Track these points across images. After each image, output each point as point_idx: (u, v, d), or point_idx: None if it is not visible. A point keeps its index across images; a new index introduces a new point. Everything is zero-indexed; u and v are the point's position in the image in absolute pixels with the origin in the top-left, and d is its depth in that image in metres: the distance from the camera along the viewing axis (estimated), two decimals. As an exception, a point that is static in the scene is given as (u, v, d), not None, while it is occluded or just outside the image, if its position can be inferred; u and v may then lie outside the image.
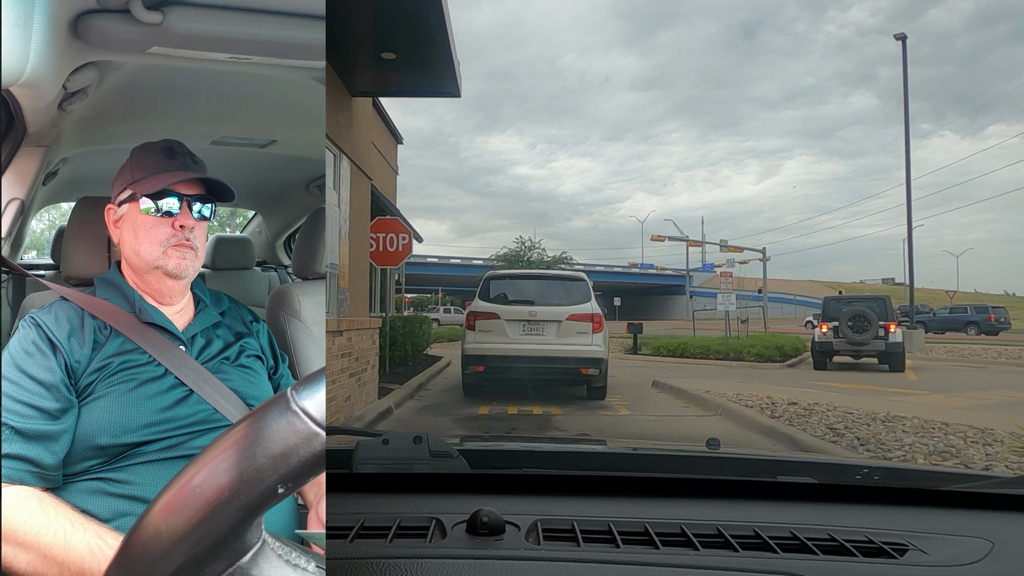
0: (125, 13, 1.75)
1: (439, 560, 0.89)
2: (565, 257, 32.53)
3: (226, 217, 6.90)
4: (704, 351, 18.02)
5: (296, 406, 0.54)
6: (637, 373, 13.53)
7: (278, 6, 1.83)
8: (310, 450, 0.53)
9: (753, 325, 25.03)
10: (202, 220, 1.52)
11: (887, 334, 14.20)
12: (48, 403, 1.25)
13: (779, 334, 22.07)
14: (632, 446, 2.05)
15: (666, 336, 22.37)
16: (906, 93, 21.35)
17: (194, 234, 1.49)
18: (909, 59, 21.18)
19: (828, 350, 14.69)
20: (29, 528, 1.10)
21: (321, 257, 2.48)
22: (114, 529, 1.18)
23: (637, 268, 73.29)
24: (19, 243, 4.02)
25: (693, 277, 67.39)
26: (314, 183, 3.99)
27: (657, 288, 72.75)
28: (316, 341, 2.23)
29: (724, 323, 19.67)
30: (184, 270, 1.47)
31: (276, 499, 0.53)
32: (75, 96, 2.04)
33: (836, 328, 14.45)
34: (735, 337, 19.63)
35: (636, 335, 20.82)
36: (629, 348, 21.09)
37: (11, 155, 2.14)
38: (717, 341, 18.99)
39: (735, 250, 37.75)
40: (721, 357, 17.26)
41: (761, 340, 18.64)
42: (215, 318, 1.58)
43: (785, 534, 1.00)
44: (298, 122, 2.86)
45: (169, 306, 1.51)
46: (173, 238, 1.46)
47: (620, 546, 0.95)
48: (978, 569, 0.92)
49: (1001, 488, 1.24)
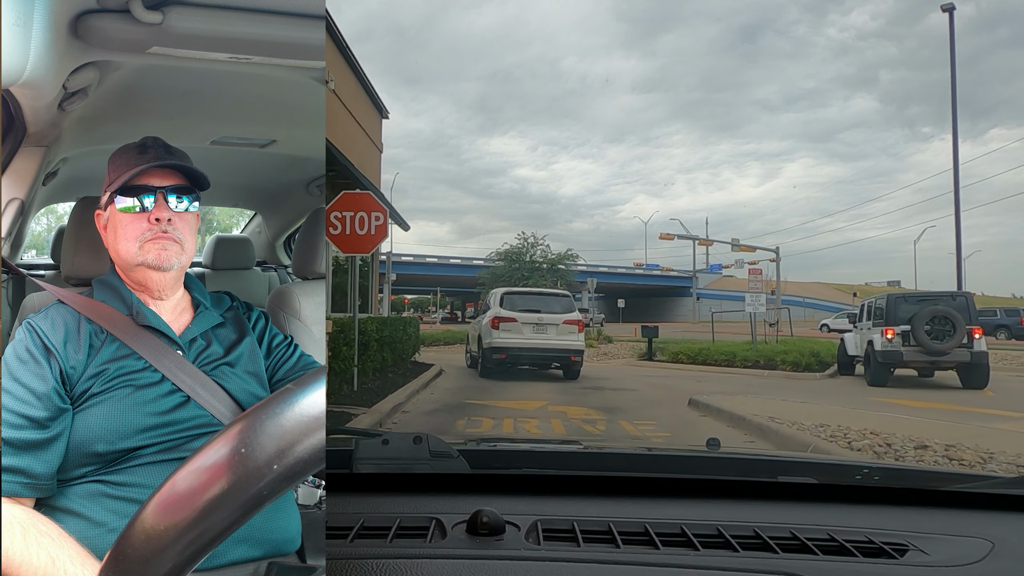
0: (125, 13, 1.74)
1: (439, 560, 0.89)
2: (571, 254, 31.85)
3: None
4: (730, 358, 15.98)
5: (295, 405, 0.54)
6: (661, 386, 12.02)
7: (278, 6, 1.83)
8: (308, 449, 0.53)
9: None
10: (183, 212, 1.47)
11: (971, 341, 11.37)
12: (39, 412, 1.24)
13: (808, 338, 20.25)
14: (632, 446, 2.05)
15: (685, 341, 20.66)
16: (953, 69, 19.64)
17: (173, 226, 1.45)
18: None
19: (895, 361, 11.70)
20: (10, 563, 1.06)
21: (321, 257, 2.48)
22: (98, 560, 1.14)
23: (642, 268, 71.79)
24: (19, 243, 4.02)
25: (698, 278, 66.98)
26: (314, 183, 3.99)
27: (661, 290, 71.40)
28: (316, 341, 2.23)
29: (750, 326, 17.78)
30: (165, 261, 1.43)
31: (272, 498, 0.53)
32: (75, 96, 2.04)
33: (906, 334, 11.47)
34: (763, 342, 17.87)
35: (651, 340, 19.24)
36: (643, 354, 19.41)
37: (11, 155, 2.14)
38: (743, 347, 17.08)
39: (747, 249, 36.18)
40: (750, 365, 15.31)
41: (793, 346, 16.77)
42: (215, 319, 1.55)
43: (785, 534, 1.00)
44: (298, 122, 2.85)
45: (162, 301, 1.49)
46: (149, 232, 1.43)
47: (620, 546, 0.95)
48: (978, 569, 0.92)
49: (1001, 488, 1.24)
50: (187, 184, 1.49)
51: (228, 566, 1.28)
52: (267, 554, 1.34)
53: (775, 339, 19.16)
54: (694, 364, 16.46)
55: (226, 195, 4.65)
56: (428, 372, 12.31)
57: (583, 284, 40.89)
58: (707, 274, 68.68)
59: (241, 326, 1.59)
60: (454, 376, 13.11)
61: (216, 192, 4.46)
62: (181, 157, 1.52)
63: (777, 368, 14.66)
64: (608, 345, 25.24)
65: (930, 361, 11.55)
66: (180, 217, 1.47)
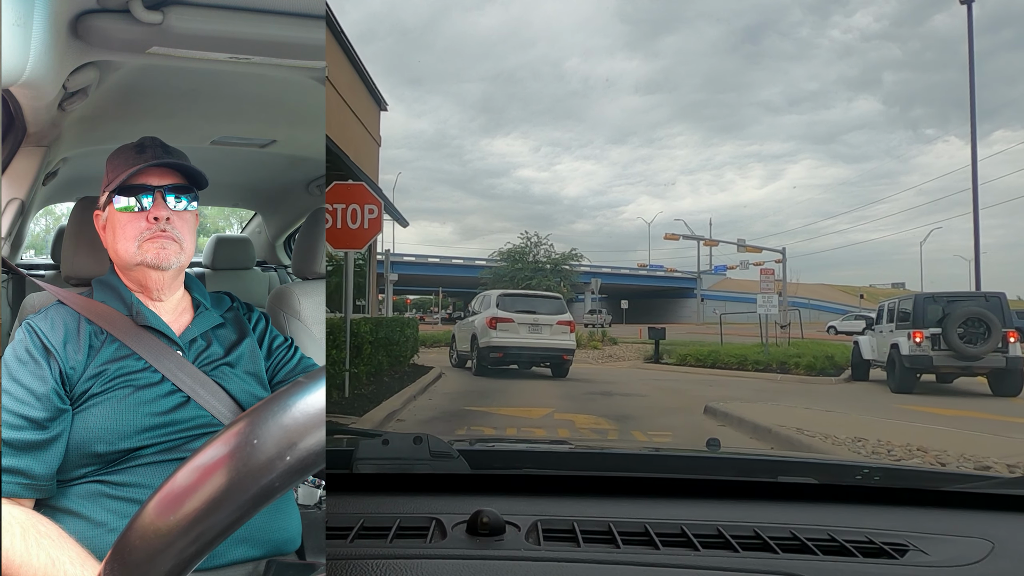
0: (125, 13, 1.75)
1: (439, 560, 0.89)
2: (576, 254, 31.03)
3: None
4: (740, 361, 15.48)
5: (295, 405, 0.54)
6: (672, 391, 11.40)
7: (278, 6, 1.83)
8: (308, 449, 0.53)
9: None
10: (182, 211, 1.47)
11: (1007, 345, 10.51)
12: (38, 413, 1.24)
13: (819, 341, 19.82)
14: (632, 446, 2.05)
15: (693, 343, 20.10)
16: (972, 64, 18.69)
17: (172, 224, 1.45)
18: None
19: (924, 366, 10.84)
20: (10, 564, 1.05)
21: (321, 257, 2.48)
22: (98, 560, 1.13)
23: (646, 269, 70.91)
24: (19, 243, 4.02)
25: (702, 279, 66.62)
26: (314, 183, 3.99)
27: (665, 291, 70.82)
28: (316, 341, 2.23)
29: (760, 328, 16.96)
30: (164, 260, 1.43)
31: (272, 498, 0.53)
32: (75, 96, 2.04)
33: (935, 337, 10.61)
34: (773, 344, 17.22)
35: (658, 341, 18.66)
36: (649, 356, 18.98)
37: (11, 155, 2.14)
38: (754, 349, 16.39)
39: (753, 250, 35.60)
40: (761, 368, 14.75)
41: (806, 348, 16.14)
42: (215, 320, 1.54)
43: (785, 534, 1.00)
44: (298, 122, 2.86)
45: (160, 302, 1.49)
46: (147, 231, 1.43)
47: (620, 546, 0.95)
48: (978, 569, 0.92)
49: (1001, 488, 1.24)
50: (185, 183, 1.48)
51: (228, 566, 1.28)
52: (267, 554, 1.34)
53: (787, 341, 18.40)
54: (703, 367, 15.98)
55: (226, 195, 4.66)
56: (427, 376, 11.71)
57: (586, 285, 40.56)
58: (710, 275, 68.30)
59: (241, 327, 1.58)
60: (454, 379, 12.79)
61: (216, 192, 4.46)
62: (179, 156, 1.51)
63: (790, 372, 14.12)
64: (613, 347, 24.66)
65: (961, 367, 10.60)
66: (179, 216, 1.46)
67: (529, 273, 28.38)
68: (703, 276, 66.74)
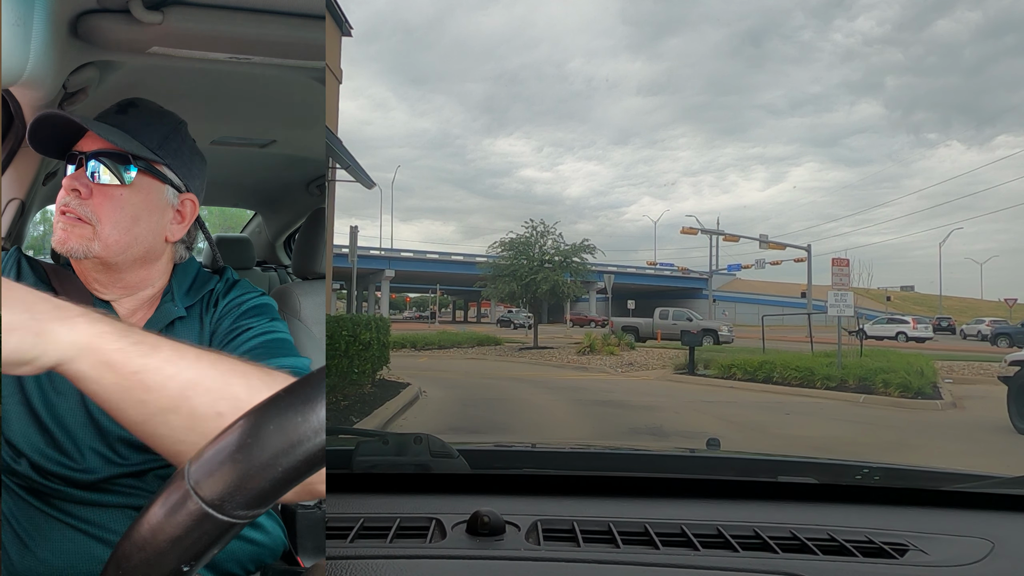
0: (125, 13, 1.74)
1: (439, 560, 0.89)
2: (588, 246, 26.10)
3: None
4: (806, 376, 11.91)
5: (295, 405, 0.54)
6: (732, 420, 8.56)
7: (278, 6, 1.83)
8: (308, 449, 0.53)
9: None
10: (106, 184, 1.16)
11: None
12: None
13: (888, 350, 16.33)
14: (632, 446, 2.05)
15: (742, 352, 16.24)
16: None
17: (86, 201, 1.15)
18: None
19: None
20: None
21: (321, 257, 2.49)
22: None
23: (655, 268, 66.65)
24: (19, 243, 4.01)
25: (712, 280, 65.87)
26: (314, 183, 3.99)
27: (673, 291, 68.50)
28: (316, 341, 2.23)
29: (836, 332, 13.24)
30: (63, 244, 1.15)
31: (274, 499, 0.53)
32: (75, 96, 2.04)
33: None
34: (823, 353, 14.08)
35: (692, 348, 14.67)
36: (680, 366, 15.05)
37: (11, 155, 2.14)
38: (819, 360, 12.96)
39: (777, 247, 32.72)
40: (834, 386, 11.36)
41: (885, 360, 12.69)
42: (175, 313, 1.27)
43: (785, 534, 1.00)
44: (298, 122, 2.86)
45: (115, 298, 1.26)
46: (62, 208, 1.16)
47: (620, 546, 0.95)
48: (978, 569, 0.92)
49: (1001, 488, 1.24)
50: (121, 151, 1.17)
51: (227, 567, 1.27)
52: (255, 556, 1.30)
53: (858, 351, 14.65)
54: (754, 381, 12.52)
55: (226, 195, 4.66)
56: (397, 399, 8.42)
57: (591, 284, 39.29)
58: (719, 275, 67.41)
59: (203, 316, 1.33)
60: (439, 403, 9.40)
61: (216, 192, 4.46)
62: (148, 118, 1.25)
63: (875, 391, 10.75)
64: (632, 353, 20.68)
65: None
66: (101, 191, 1.17)
67: (535, 265, 24.74)
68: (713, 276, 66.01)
